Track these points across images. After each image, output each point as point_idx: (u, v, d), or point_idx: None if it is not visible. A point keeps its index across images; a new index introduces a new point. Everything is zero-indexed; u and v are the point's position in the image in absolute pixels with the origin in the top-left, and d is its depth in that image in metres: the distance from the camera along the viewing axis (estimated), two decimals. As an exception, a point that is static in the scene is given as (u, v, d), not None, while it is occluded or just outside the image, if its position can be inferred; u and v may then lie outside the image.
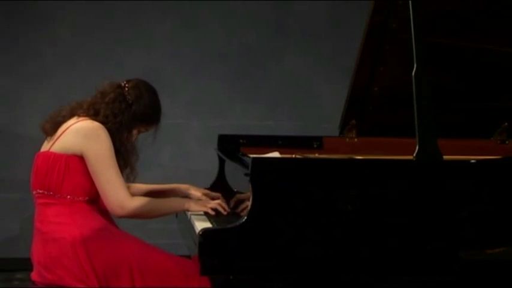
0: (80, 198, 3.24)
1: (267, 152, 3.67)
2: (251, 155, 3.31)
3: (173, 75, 5.70)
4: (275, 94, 5.79)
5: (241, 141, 3.92)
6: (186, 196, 3.55)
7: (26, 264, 3.33)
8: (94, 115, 3.28)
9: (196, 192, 3.56)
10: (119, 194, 3.21)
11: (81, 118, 3.28)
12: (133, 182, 3.36)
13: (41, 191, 3.26)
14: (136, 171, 3.36)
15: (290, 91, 5.79)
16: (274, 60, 5.78)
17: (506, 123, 4.03)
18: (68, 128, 3.26)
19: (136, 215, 3.25)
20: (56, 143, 3.26)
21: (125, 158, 3.31)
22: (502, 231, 3.17)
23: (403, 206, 3.05)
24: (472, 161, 3.19)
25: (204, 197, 3.50)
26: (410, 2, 3.17)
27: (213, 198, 3.48)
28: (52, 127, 3.31)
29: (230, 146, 3.88)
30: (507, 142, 4.04)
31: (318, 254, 2.99)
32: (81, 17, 5.58)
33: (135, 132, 3.38)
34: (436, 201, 3.05)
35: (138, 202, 3.24)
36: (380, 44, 3.71)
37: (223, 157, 3.85)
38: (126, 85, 3.37)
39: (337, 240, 3.00)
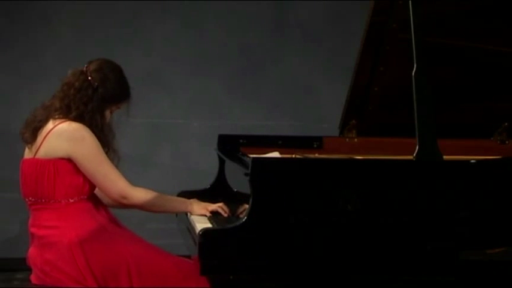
0: (75, 198, 3.23)
1: (267, 152, 3.67)
2: (251, 155, 3.31)
3: (173, 75, 5.69)
4: (275, 94, 5.79)
5: (241, 141, 3.92)
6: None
7: (26, 264, 3.33)
8: (68, 112, 3.24)
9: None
10: (118, 185, 3.22)
11: (57, 121, 3.24)
12: (118, 163, 3.32)
13: (33, 199, 3.25)
14: (118, 153, 3.33)
15: (290, 91, 5.78)
16: (274, 60, 5.77)
17: (506, 123, 4.03)
18: (48, 132, 3.23)
19: (139, 205, 3.27)
20: (40, 149, 3.23)
21: (104, 142, 3.28)
22: (502, 231, 3.17)
23: (403, 206, 3.05)
24: (472, 161, 3.19)
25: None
26: (410, 2, 3.17)
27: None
28: (31, 135, 3.26)
29: (230, 146, 3.88)
30: (507, 142, 4.04)
31: (318, 254, 2.99)
32: (81, 17, 5.57)
33: (107, 113, 3.34)
34: (436, 201, 3.05)
35: (141, 192, 3.27)
36: (380, 44, 3.71)
37: (223, 157, 3.84)
38: (89, 69, 3.33)
39: (337, 240, 3.00)
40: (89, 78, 3.30)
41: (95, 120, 3.26)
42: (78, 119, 3.24)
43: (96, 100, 3.28)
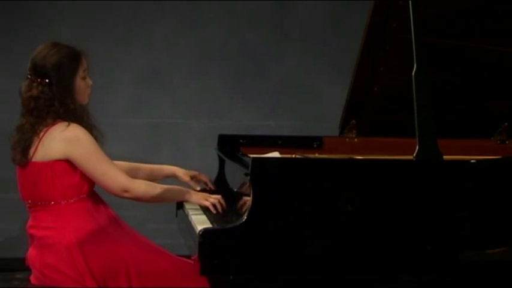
0: (74, 198, 3.21)
1: (267, 152, 3.67)
2: (251, 155, 3.31)
3: (173, 75, 5.70)
4: (275, 94, 5.79)
5: (241, 141, 3.92)
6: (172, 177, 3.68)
7: (25, 264, 3.33)
8: (44, 121, 3.20)
9: (184, 177, 3.70)
10: (118, 180, 3.22)
11: (42, 133, 3.20)
12: (103, 142, 3.29)
13: (32, 202, 3.24)
14: (100, 130, 3.29)
15: (290, 91, 5.78)
16: (274, 60, 5.77)
17: (506, 123, 4.03)
18: (42, 137, 3.20)
19: (140, 197, 3.27)
20: (36, 153, 3.20)
21: (85, 124, 3.24)
22: (502, 231, 3.17)
23: (403, 206, 3.05)
24: (472, 161, 3.19)
25: (192, 182, 3.67)
26: (410, 2, 3.17)
27: (206, 189, 3.64)
28: (22, 156, 3.22)
29: (230, 146, 3.88)
30: (507, 142, 4.04)
31: (318, 254, 2.99)
32: (81, 17, 5.57)
33: (78, 83, 3.26)
34: (436, 201, 3.05)
35: (141, 184, 3.28)
36: (380, 44, 3.71)
37: (223, 157, 3.84)
38: (34, 72, 3.25)
39: (337, 240, 3.00)
40: (39, 80, 3.23)
41: (68, 109, 3.21)
42: (57, 120, 3.20)
43: (58, 92, 3.21)
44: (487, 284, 3.23)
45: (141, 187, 3.27)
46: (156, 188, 3.31)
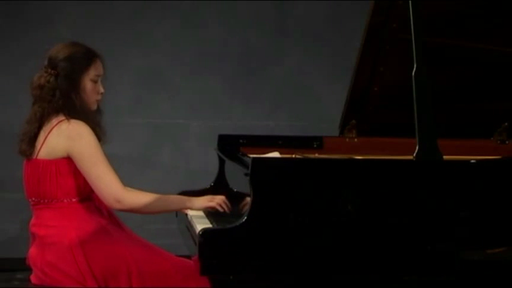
0: (77, 198, 3.21)
1: (267, 152, 3.67)
2: (251, 155, 3.31)
3: (173, 75, 5.70)
4: (275, 94, 5.79)
5: (241, 141, 3.92)
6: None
7: (26, 264, 3.33)
8: (44, 108, 3.21)
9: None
10: (112, 188, 3.15)
11: (47, 129, 3.21)
12: (105, 141, 3.26)
13: (36, 199, 3.25)
14: (104, 129, 3.28)
15: (290, 91, 5.79)
16: (274, 60, 5.78)
17: (506, 123, 4.03)
18: (48, 134, 3.21)
19: (135, 209, 3.20)
20: (41, 150, 3.21)
21: (90, 121, 3.23)
22: (502, 231, 3.17)
23: (403, 206, 3.05)
24: (472, 161, 3.19)
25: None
26: (410, 2, 3.17)
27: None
28: (29, 147, 3.23)
29: (230, 146, 3.88)
30: (507, 142, 4.04)
31: (318, 254, 2.99)
32: (81, 17, 5.57)
33: (86, 84, 3.26)
34: (436, 201, 3.05)
35: (135, 195, 3.18)
36: (380, 44, 3.71)
37: (223, 157, 3.84)
38: (47, 64, 3.28)
39: (337, 240, 3.00)
40: (49, 70, 3.25)
41: (69, 103, 3.20)
42: (59, 112, 3.20)
43: (62, 83, 3.21)
44: (487, 284, 3.23)
45: (135, 199, 3.18)
46: (152, 199, 3.20)
